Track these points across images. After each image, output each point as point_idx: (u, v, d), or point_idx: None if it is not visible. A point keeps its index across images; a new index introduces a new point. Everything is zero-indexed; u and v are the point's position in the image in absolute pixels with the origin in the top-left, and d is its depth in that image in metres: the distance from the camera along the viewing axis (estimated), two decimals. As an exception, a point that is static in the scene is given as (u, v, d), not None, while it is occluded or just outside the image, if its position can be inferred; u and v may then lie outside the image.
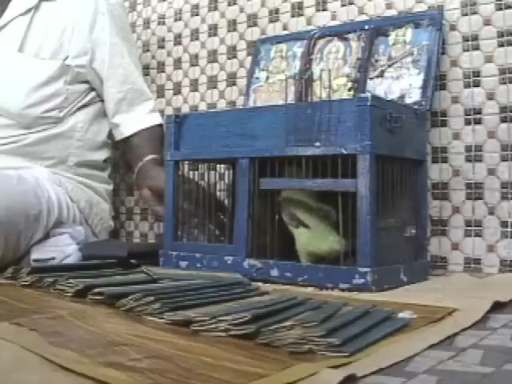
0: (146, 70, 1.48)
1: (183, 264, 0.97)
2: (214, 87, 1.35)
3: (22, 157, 1.11)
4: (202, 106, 1.37)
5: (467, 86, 1.01)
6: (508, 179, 0.97)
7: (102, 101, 1.25)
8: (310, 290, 0.81)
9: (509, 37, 0.98)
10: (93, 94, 1.24)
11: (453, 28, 1.03)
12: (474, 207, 1.00)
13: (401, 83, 1.02)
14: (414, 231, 0.92)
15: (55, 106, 1.16)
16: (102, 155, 1.24)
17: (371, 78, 1.05)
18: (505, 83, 0.98)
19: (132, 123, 1.25)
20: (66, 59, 1.17)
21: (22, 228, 0.96)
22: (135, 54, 1.33)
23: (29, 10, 1.18)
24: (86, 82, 1.22)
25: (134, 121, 1.26)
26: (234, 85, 1.31)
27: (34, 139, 1.13)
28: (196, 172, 1.09)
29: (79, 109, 1.20)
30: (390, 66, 1.04)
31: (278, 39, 1.21)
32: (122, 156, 1.42)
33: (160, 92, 1.45)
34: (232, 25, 1.33)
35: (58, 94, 1.16)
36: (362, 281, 0.79)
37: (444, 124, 1.03)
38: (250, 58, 1.26)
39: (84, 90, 1.22)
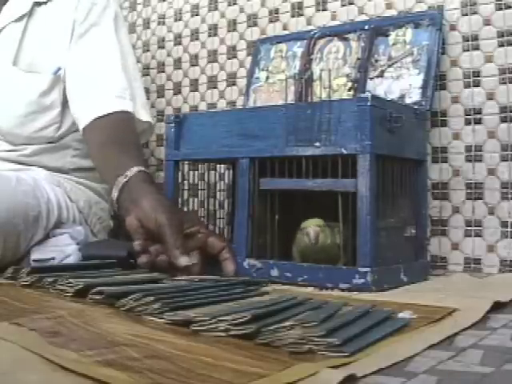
0: (146, 70, 1.49)
1: (183, 264, 0.97)
2: (214, 87, 1.35)
3: (19, 164, 1.11)
4: (202, 106, 1.37)
5: (467, 86, 1.01)
6: (508, 179, 0.97)
7: None
8: (310, 289, 0.81)
9: (509, 37, 0.98)
10: None
11: (453, 28, 1.03)
12: (473, 207, 1.00)
13: (401, 83, 1.02)
14: (413, 231, 0.92)
15: (50, 122, 1.11)
16: None
17: (371, 78, 1.05)
18: (505, 83, 0.98)
19: (88, 111, 1.06)
20: (57, 71, 1.10)
21: (22, 229, 0.95)
22: (109, 43, 1.13)
23: (22, 17, 1.12)
24: None
25: (90, 108, 1.06)
26: (234, 85, 1.31)
27: (31, 150, 1.11)
28: (196, 172, 1.09)
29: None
30: (390, 66, 1.04)
31: (278, 39, 1.21)
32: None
33: (160, 92, 1.45)
34: (232, 25, 1.33)
35: (52, 107, 1.11)
36: (362, 281, 0.79)
37: (444, 124, 1.03)
38: (249, 58, 1.26)
39: None
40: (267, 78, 1.19)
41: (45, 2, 1.14)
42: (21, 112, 1.10)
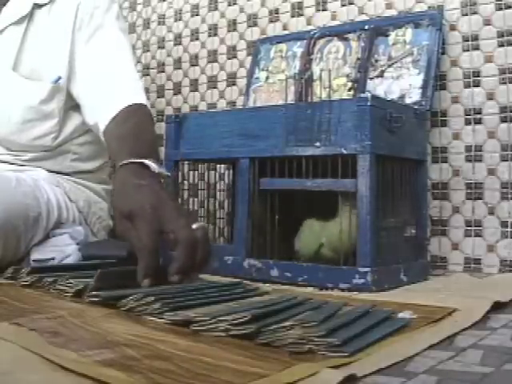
0: (146, 70, 1.49)
1: (183, 264, 0.97)
2: (214, 87, 1.35)
3: (18, 165, 1.10)
4: (202, 106, 1.37)
5: (467, 86, 1.01)
6: (508, 179, 0.97)
7: None
8: (310, 289, 0.81)
9: (509, 37, 0.98)
10: None
11: (453, 28, 1.03)
12: (473, 207, 1.00)
13: (401, 83, 1.02)
14: (413, 231, 0.92)
15: (48, 131, 1.09)
16: (98, 162, 1.20)
17: (371, 78, 1.05)
18: (505, 83, 0.98)
19: (106, 113, 1.01)
20: (58, 80, 1.08)
21: (22, 230, 0.95)
22: (118, 41, 1.11)
23: (22, 19, 1.10)
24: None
25: (108, 110, 1.01)
26: (234, 85, 1.31)
27: (30, 156, 1.11)
28: (196, 172, 1.09)
29: (75, 130, 1.13)
30: (390, 66, 1.04)
31: (278, 39, 1.21)
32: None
33: (160, 92, 1.45)
34: (232, 25, 1.33)
35: (50, 116, 1.09)
36: (362, 281, 0.79)
37: (444, 124, 1.03)
38: (249, 58, 1.26)
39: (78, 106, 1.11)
40: (267, 78, 1.19)
41: (45, 4, 1.13)
42: (18, 119, 1.09)
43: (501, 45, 0.98)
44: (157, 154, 0.93)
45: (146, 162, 0.83)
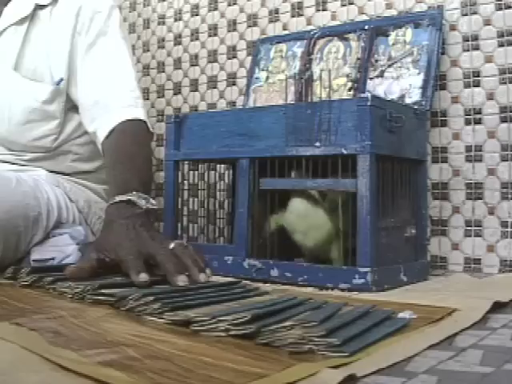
0: (145, 70, 1.49)
1: (183, 264, 0.97)
2: (214, 87, 1.35)
3: (19, 165, 1.10)
4: (202, 106, 1.37)
5: (467, 86, 1.01)
6: (508, 179, 0.97)
7: None
8: (310, 290, 0.81)
9: (509, 37, 0.98)
10: None
11: (453, 28, 1.03)
12: (473, 207, 1.00)
13: (401, 83, 1.02)
14: (413, 231, 0.93)
15: (49, 132, 1.09)
16: (98, 162, 1.20)
17: (371, 78, 1.05)
18: (505, 83, 0.98)
19: (105, 125, 1.03)
20: (59, 82, 1.08)
21: (22, 230, 0.95)
22: (120, 51, 1.11)
23: (24, 19, 1.09)
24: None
25: (107, 121, 1.03)
26: (234, 85, 1.31)
27: (30, 157, 1.10)
28: (196, 172, 1.09)
29: (75, 131, 1.13)
30: (390, 66, 1.04)
31: (278, 39, 1.21)
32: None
33: (160, 92, 1.45)
34: (232, 25, 1.33)
35: (51, 117, 1.09)
36: (362, 281, 0.79)
37: (444, 124, 1.03)
38: (249, 58, 1.26)
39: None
40: (267, 78, 1.19)
41: (47, 5, 1.12)
42: (19, 119, 1.08)
43: (501, 45, 0.98)
44: (147, 184, 0.96)
45: (133, 199, 0.86)
